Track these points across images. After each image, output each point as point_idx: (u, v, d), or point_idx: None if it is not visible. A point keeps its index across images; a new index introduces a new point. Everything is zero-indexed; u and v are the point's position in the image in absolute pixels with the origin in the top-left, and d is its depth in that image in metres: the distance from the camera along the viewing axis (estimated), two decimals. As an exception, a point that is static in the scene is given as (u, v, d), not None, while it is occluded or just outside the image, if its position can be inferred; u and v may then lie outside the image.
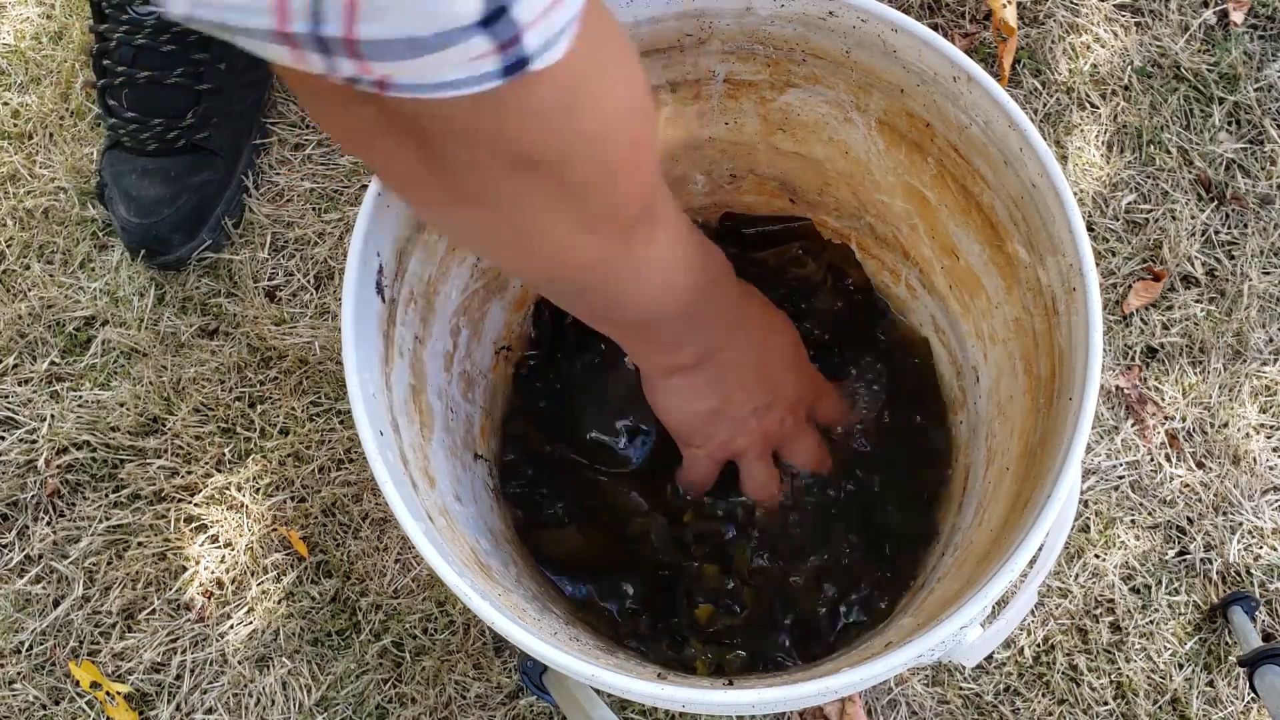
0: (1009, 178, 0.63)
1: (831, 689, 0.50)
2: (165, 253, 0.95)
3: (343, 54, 0.31)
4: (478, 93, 0.34)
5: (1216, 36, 1.03)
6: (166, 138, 0.94)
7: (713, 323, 0.64)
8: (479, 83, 0.33)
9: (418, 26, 0.30)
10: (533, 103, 0.37)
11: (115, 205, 0.95)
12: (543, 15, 0.33)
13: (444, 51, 0.31)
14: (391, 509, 0.53)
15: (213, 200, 0.96)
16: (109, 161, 0.96)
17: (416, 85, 0.33)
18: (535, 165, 0.41)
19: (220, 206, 0.96)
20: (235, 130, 0.97)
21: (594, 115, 0.41)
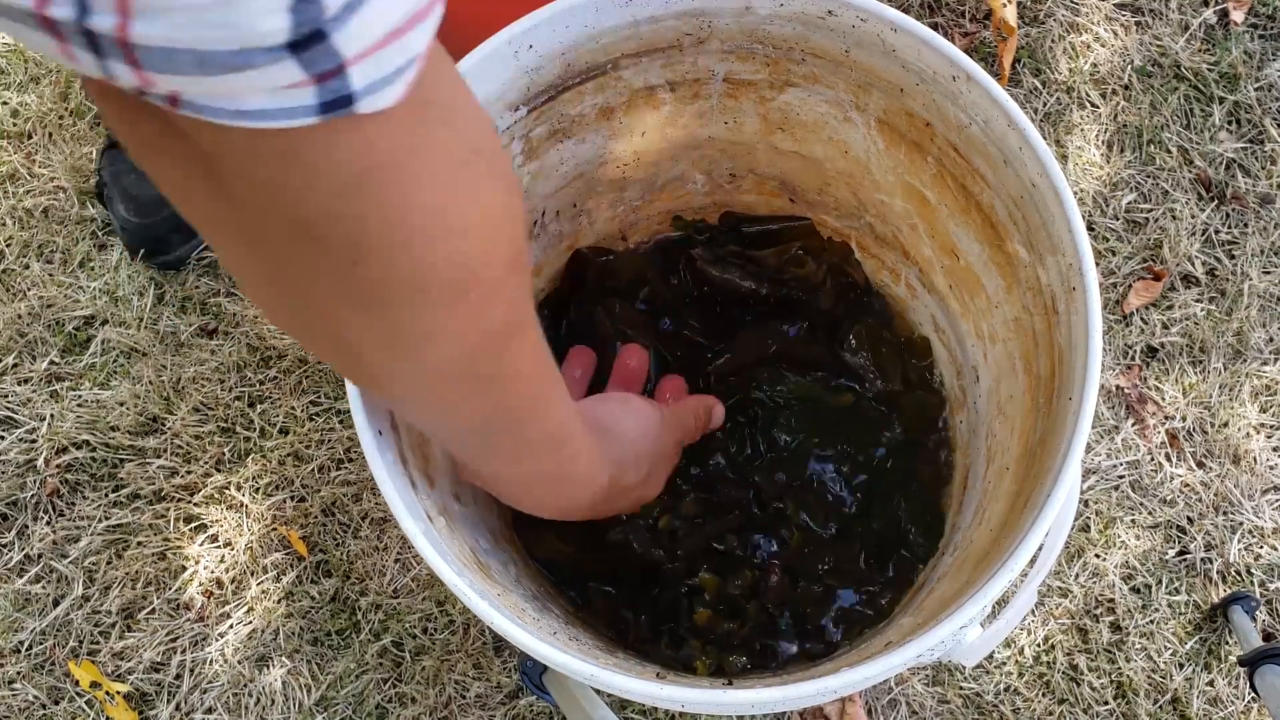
0: (1009, 177, 0.63)
1: (831, 689, 0.50)
2: (164, 252, 0.95)
3: (118, 57, 0.26)
4: (284, 129, 0.29)
5: (1217, 36, 1.03)
6: None
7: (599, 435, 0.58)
8: (289, 116, 0.28)
9: (207, 37, 0.25)
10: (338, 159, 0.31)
11: (115, 204, 0.95)
12: (373, 50, 0.28)
13: (243, 73, 0.26)
14: (391, 509, 0.53)
15: None
16: (108, 161, 0.96)
17: (213, 108, 0.28)
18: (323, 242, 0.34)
19: None
20: None
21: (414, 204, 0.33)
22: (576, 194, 0.78)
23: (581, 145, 0.74)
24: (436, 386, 0.42)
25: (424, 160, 0.33)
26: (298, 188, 0.32)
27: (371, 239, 0.33)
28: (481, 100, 0.65)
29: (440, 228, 0.35)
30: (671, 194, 0.82)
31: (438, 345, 0.39)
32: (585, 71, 0.69)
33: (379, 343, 0.38)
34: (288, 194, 0.32)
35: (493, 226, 0.37)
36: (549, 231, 0.78)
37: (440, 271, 0.36)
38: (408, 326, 0.37)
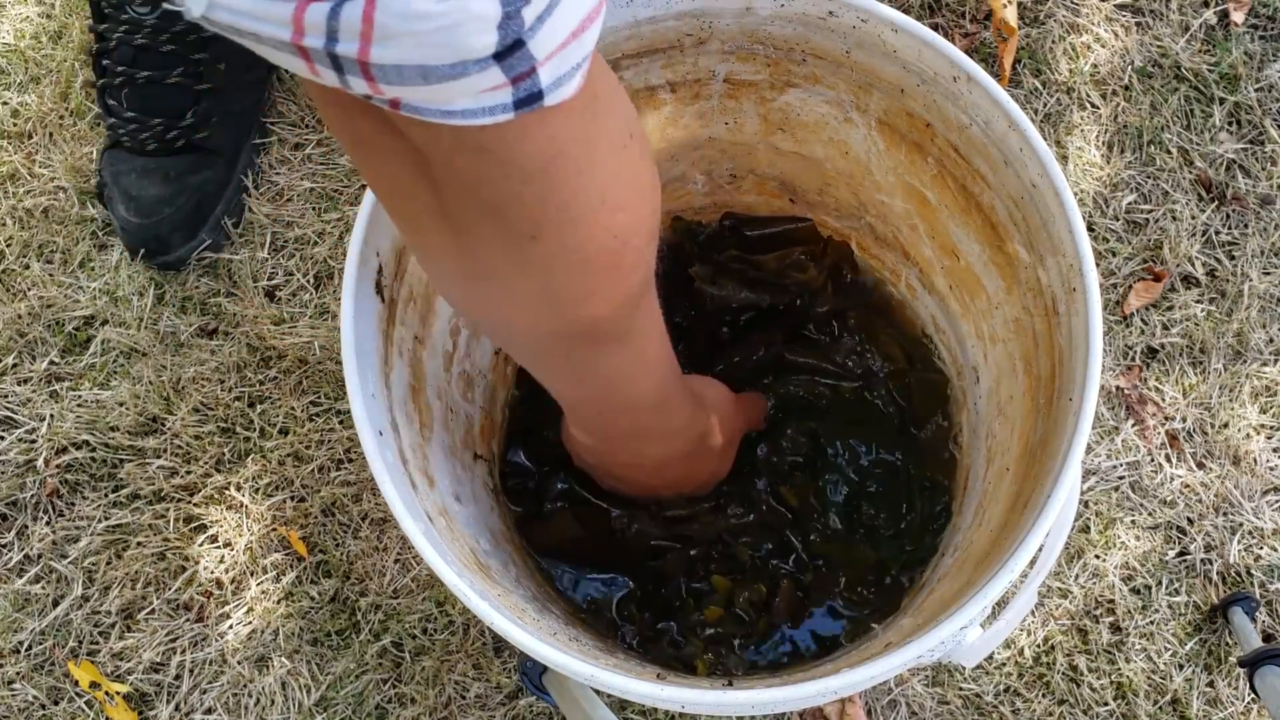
0: (1009, 178, 0.63)
1: (831, 689, 0.50)
2: (165, 253, 0.95)
3: (356, 73, 0.31)
4: (483, 125, 0.33)
5: (1217, 36, 1.03)
6: (166, 137, 0.94)
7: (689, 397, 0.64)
8: (489, 114, 0.33)
9: (432, 55, 0.30)
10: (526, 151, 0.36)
11: (115, 205, 0.95)
12: (558, 50, 0.32)
13: (457, 81, 0.31)
14: (391, 509, 0.53)
15: (212, 200, 0.96)
16: (109, 161, 0.96)
17: (427, 108, 0.33)
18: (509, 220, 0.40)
19: (220, 206, 0.96)
20: (235, 130, 0.97)
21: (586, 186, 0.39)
22: (577, 194, 0.78)
23: (582, 145, 0.74)
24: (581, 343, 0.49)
25: (594, 148, 0.38)
26: (491, 175, 0.37)
27: (549, 217, 0.39)
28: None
29: (604, 205, 0.40)
30: (672, 194, 0.82)
31: (591, 305, 0.45)
32: (586, 72, 0.69)
33: (544, 306, 0.44)
34: (483, 180, 0.37)
35: (642, 201, 0.42)
36: (549, 232, 0.78)
37: (602, 242, 0.41)
38: (569, 290, 0.43)
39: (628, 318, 0.48)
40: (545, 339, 0.49)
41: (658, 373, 0.56)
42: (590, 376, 0.53)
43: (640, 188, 0.42)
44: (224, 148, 0.96)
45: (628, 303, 0.47)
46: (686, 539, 0.73)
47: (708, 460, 0.69)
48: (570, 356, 0.51)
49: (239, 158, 0.98)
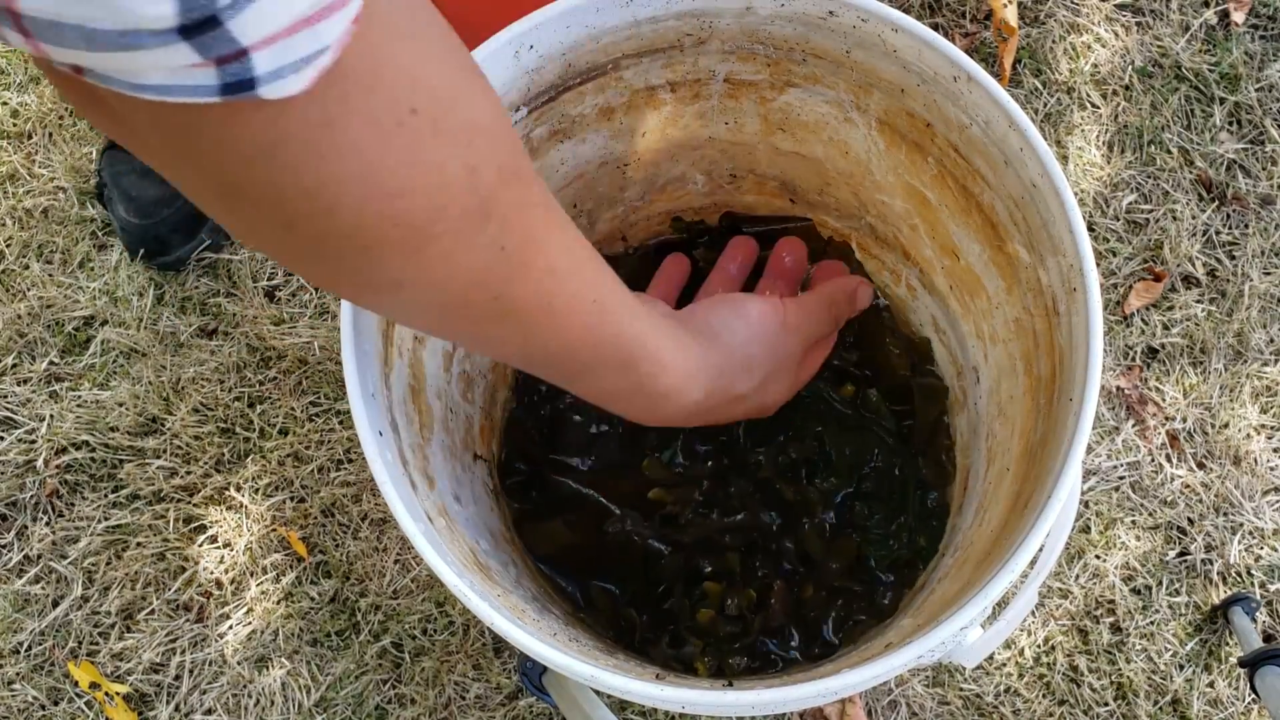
0: (1009, 178, 0.62)
1: (831, 689, 0.49)
2: (164, 253, 0.95)
3: (9, 24, 0.26)
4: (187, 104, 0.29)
5: (1217, 36, 1.03)
6: None
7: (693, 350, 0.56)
8: (190, 94, 0.28)
9: (92, 16, 0.25)
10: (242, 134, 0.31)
11: (114, 205, 0.95)
12: (278, 37, 0.28)
13: (134, 52, 0.26)
14: (391, 509, 0.53)
15: None
16: (108, 162, 0.96)
17: (113, 79, 0.28)
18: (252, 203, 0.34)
19: None
20: None
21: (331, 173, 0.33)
22: (576, 194, 0.78)
23: (582, 146, 0.74)
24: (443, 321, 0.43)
25: (341, 131, 0.32)
26: (209, 156, 0.32)
27: (294, 204, 0.33)
28: (482, 100, 0.65)
29: (369, 191, 0.34)
30: (672, 194, 0.82)
31: (416, 290, 0.39)
32: (586, 72, 0.69)
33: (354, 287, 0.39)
34: (200, 162, 0.32)
35: (438, 183, 0.36)
36: (549, 232, 0.78)
37: (382, 230, 0.35)
38: (372, 276, 0.38)
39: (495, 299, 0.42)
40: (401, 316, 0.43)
41: (598, 337, 0.48)
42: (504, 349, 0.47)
43: (430, 169, 0.35)
44: None
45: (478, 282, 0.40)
46: (680, 543, 0.73)
47: (735, 405, 0.60)
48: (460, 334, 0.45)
49: None
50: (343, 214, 0.34)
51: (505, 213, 0.39)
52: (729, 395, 0.59)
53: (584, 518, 0.74)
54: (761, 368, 0.61)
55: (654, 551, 0.73)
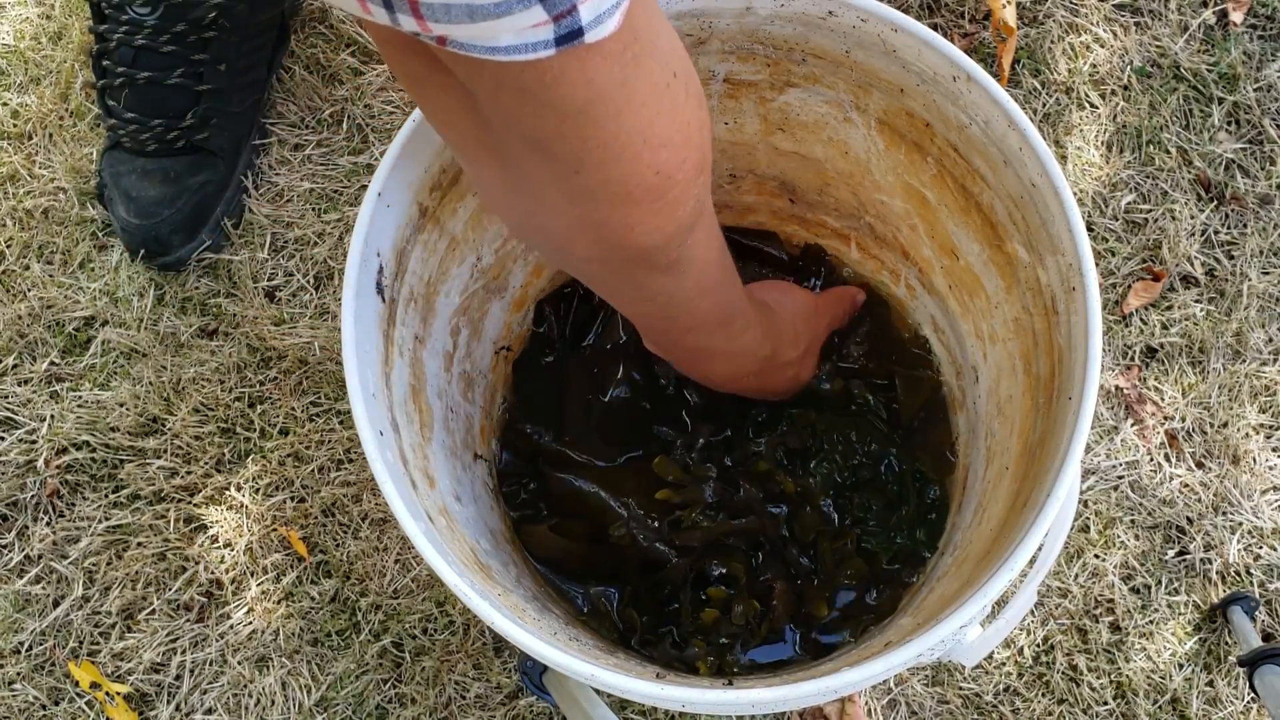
0: (1009, 177, 0.63)
1: (831, 689, 0.50)
2: (165, 254, 0.95)
3: (405, 10, 0.32)
4: (525, 63, 0.35)
5: (1216, 36, 1.03)
6: (166, 138, 0.94)
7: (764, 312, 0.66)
8: (532, 50, 0.34)
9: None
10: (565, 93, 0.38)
11: (115, 206, 0.95)
12: None
13: (502, 19, 0.32)
14: (391, 509, 0.53)
15: (212, 201, 0.96)
16: (109, 162, 0.96)
17: (472, 45, 0.34)
18: (552, 156, 0.42)
19: (220, 207, 0.96)
20: (235, 131, 0.97)
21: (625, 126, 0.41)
22: (576, 194, 0.78)
23: (582, 146, 0.74)
24: (631, 269, 0.51)
25: (634, 89, 0.40)
26: (533, 113, 0.39)
27: (591, 154, 0.41)
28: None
29: (645, 143, 0.42)
30: (671, 194, 0.82)
31: (636, 235, 0.47)
32: (585, 72, 0.69)
33: (590, 234, 0.47)
34: (525, 118, 0.39)
35: (686, 139, 0.44)
36: (549, 232, 0.78)
37: (644, 178, 0.43)
38: (615, 220, 0.46)
39: (678, 246, 0.50)
40: (599, 264, 0.51)
41: (717, 297, 0.58)
42: (648, 300, 0.56)
43: (683, 126, 0.43)
44: (224, 149, 0.96)
45: (677, 233, 0.48)
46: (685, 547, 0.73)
47: (782, 371, 0.71)
48: (627, 280, 0.53)
49: (239, 159, 0.98)
50: (625, 160, 0.42)
51: (707, 172, 0.48)
52: (780, 360, 0.70)
53: (585, 522, 0.74)
54: (803, 341, 0.72)
55: (658, 556, 0.73)
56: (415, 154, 0.62)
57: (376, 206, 0.59)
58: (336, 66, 1.03)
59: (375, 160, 1.00)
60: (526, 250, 0.77)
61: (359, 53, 1.04)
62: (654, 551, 0.72)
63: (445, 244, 0.67)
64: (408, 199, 0.62)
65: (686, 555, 0.72)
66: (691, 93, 0.44)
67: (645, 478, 0.75)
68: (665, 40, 0.42)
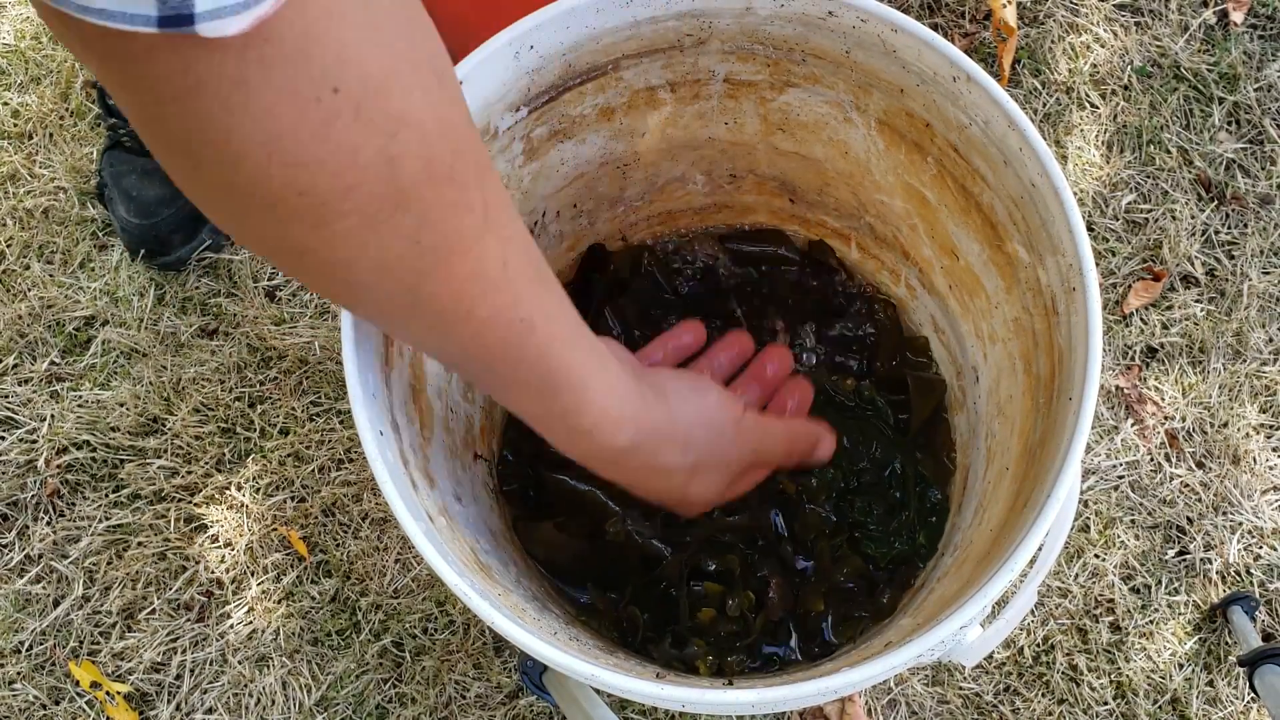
0: (1009, 178, 0.63)
1: (831, 689, 0.50)
2: (165, 253, 0.95)
3: None
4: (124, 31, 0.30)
5: (1216, 36, 1.03)
6: None
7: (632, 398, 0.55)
8: (128, 21, 0.30)
9: None
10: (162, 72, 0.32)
11: (115, 205, 0.95)
12: None
13: None
14: (391, 509, 0.53)
15: None
16: (109, 162, 0.96)
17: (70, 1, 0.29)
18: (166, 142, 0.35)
19: None
20: None
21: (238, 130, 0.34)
22: (577, 195, 0.78)
23: (582, 146, 0.74)
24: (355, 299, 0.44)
25: (253, 92, 0.33)
26: (132, 89, 0.33)
27: (202, 150, 0.35)
28: (482, 101, 0.65)
29: (273, 155, 0.35)
30: (672, 194, 0.82)
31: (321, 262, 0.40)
32: (586, 72, 0.69)
33: (262, 244, 0.40)
34: (128, 91, 0.34)
35: (349, 164, 0.37)
36: (549, 232, 0.79)
37: (284, 193, 0.36)
38: (277, 236, 0.39)
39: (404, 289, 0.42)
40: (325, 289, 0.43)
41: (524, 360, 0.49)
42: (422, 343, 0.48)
43: (339, 149, 0.36)
44: None
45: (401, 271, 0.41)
46: (681, 544, 0.73)
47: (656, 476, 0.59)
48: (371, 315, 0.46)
49: None
50: (246, 168, 0.35)
51: (426, 209, 0.40)
52: (655, 461, 0.57)
53: (582, 520, 0.74)
54: (698, 452, 0.59)
55: (655, 553, 0.73)
56: (415, 154, 0.61)
57: (377, 206, 0.59)
58: (337, 66, 1.03)
59: (375, 160, 1.00)
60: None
61: (359, 52, 1.04)
62: (650, 548, 0.72)
63: (445, 244, 0.67)
64: (408, 199, 0.62)
65: (682, 552, 0.72)
66: (369, 117, 0.36)
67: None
68: (335, 51, 0.34)
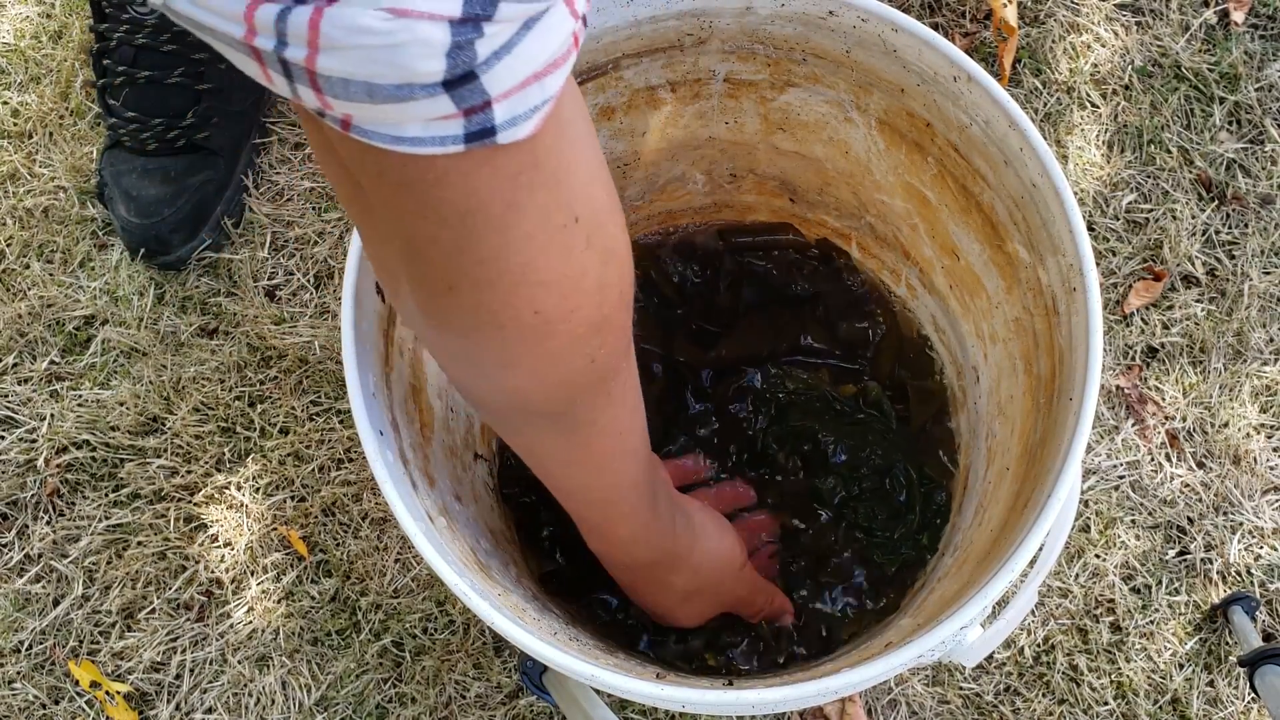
0: (1009, 177, 0.63)
1: (831, 689, 0.50)
2: (165, 253, 0.95)
3: (305, 82, 0.30)
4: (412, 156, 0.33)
5: (1217, 36, 1.03)
6: (167, 137, 0.94)
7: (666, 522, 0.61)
8: (439, 144, 0.32)
9: (377, 73, 0.29)
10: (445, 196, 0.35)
11: (115, 205, 0.95)
12: (518, 89, 0.32)
13: (404, 104, 0.30)
14: (391, 509, 0.53)
15: (213, 200, 0.96)
16: (109, 161, 0.96)
17: (377, 132, 0.32)
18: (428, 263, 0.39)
19: (220, 206, 0.96)
20: (235, 130, 0.97)
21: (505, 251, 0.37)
22: (577, 194, 0.78)
23: (582, 145, 0.74)
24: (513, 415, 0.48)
25: (520, 216, 0.37)
26: (413, 211, 0.37)
27: (465, 270, 0.38)
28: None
29: (525, 276, 0.39)
30: (672, 194, 0.82)
31: (514, 377, 0.44)
32: (586, 71, 0.69)
33: (468, 365, 0.44)
34: (405, 215, 0.37)
35: (576, 287, 0.41)
36: (549, 231, 0.78)
37: (520, 313, 0.40)
38: (491, 355, 0.43)
39: (568, 403, 0.47)
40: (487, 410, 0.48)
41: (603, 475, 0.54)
42: (533, 458, 0.53)
43: (574, 273, 0.40)
44: (224, 148, 0.96)
45: (564, 387, 0.45)
46: None
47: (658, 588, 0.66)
48: (512, 429, 0.50)
49: (239, 157, 0.98)
50: (501, 287, 0.39)
51: (610, 333, 0.45)
52: (662, 578, 0.65)
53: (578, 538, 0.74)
54: (700, 582, 0.66)
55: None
56: (415, 153, 0.61)
57: (376, 206, 0.59)
58: (337, 65, 1.03)
59: (376, 159, 1.00)
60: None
61: (359, 52, 1.04)
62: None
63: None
64: (408, 198, 0.62)
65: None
66: (596, 246, 0.40)
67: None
68: (576, 178, 0.39)
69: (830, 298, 0.81)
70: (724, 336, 0.79)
